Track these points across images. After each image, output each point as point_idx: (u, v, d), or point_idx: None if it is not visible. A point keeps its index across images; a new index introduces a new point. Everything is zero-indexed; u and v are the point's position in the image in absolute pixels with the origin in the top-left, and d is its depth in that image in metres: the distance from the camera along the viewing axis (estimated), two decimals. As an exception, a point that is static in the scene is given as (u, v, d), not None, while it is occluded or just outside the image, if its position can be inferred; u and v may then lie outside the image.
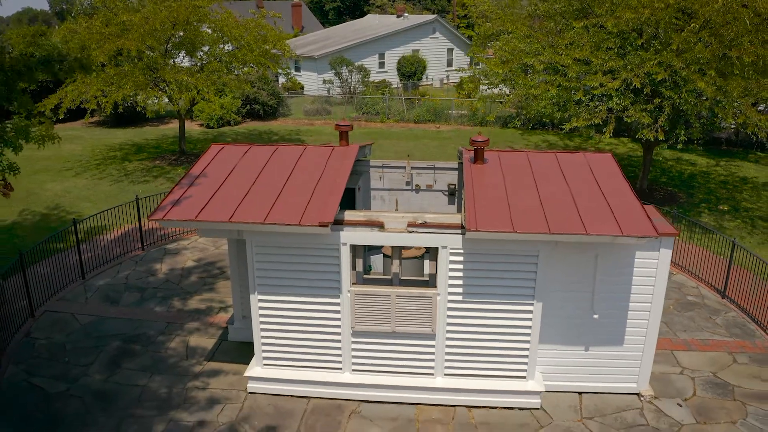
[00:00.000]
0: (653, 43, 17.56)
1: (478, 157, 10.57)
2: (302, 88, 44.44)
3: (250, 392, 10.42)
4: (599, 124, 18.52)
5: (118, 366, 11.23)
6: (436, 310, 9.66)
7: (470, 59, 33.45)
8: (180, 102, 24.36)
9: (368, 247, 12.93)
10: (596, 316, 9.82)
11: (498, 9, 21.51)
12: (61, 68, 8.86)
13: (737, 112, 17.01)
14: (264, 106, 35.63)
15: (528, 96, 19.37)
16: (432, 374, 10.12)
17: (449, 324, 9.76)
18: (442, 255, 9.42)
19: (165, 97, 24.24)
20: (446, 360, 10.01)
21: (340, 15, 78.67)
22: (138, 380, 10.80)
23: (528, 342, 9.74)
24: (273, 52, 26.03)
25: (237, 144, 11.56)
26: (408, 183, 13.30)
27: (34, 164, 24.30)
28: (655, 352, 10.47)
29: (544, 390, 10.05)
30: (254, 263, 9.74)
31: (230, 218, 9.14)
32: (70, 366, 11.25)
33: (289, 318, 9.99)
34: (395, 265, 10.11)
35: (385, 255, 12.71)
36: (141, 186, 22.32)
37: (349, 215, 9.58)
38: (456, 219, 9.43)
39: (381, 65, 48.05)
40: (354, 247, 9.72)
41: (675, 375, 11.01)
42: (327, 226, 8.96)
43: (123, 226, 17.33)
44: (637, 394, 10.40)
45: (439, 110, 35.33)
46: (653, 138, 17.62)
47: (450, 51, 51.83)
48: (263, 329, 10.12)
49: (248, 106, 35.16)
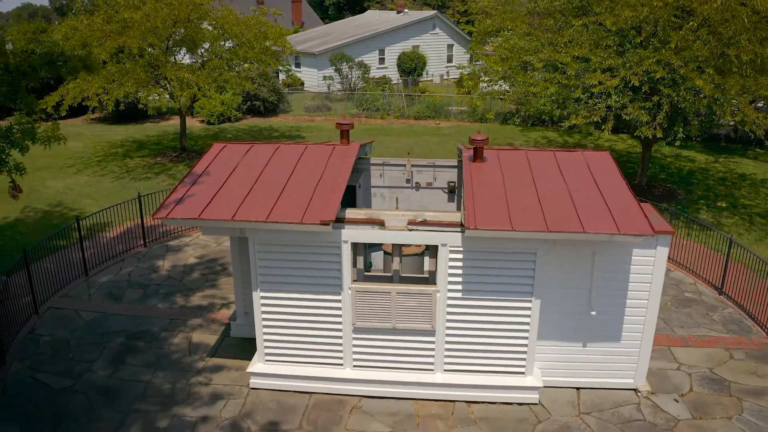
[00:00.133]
0: (652, 41, 17.64)
1: (478, 156, 10.69)
2: (302, 85, 44.51)
3: (253, 388, 10.56)
4: (598, 122, 18.62)
5: (122, 362, 11.37)
6: (436, 307, 9.79)
7: (470, 56, 33.48)
8: (181, 99, 24.45)
9: (369, 244, 13.06)
10: (594, 313, 9.96)
11: (498, 5, 21.59)
12: (65, 68, 8.97)
13: (735, 110, 17.11)
14: (264, 103, 35.72)
15: (527, 93, 19.46)
16: (432, 370, 10.26)
17: (449, 320, 9.90)
18: (442, 252, 9.55)
19: (166, 95, 24.32)
20: (446, 356, 10.15)
21: (340, 11, 78.63)
22: (142, 376, 10.94)
23: (526, 338, 9.88)
24: (273, 49, 26.12)
25: (239, 142, 11.67)
26: (408, 180, 13.42)
27: (36, 161, 24.39)
28: (653, 348, 10.61)
29: (543, 385, 10.19)
30: (257, 261, 9.87)
31: (233, 217, 9.26)
32: (75, 362, 11.38)
33: (291, 314, 10.13)
34: (395, 263, 10.23)
35: (386, 252, 12.83)
36: (142, 183, 22.43)
37: (350, 213, 9.70)
38: (455, 217, 9.55)
39: (381, 61, 48.10)
40: (355, 245, 9.84)
41: (672, 371, 11.15)
42: (328, 225, 9.09)
43: (125, 223, 17.44)
44: (635, 390, 10.54)
45: (439, 107, 35.42)
46: (651, 135, 17.72)
47: (450, 47, 51.86)
48: (265, 326, 10.26)
49: (249, 103, 35.24)
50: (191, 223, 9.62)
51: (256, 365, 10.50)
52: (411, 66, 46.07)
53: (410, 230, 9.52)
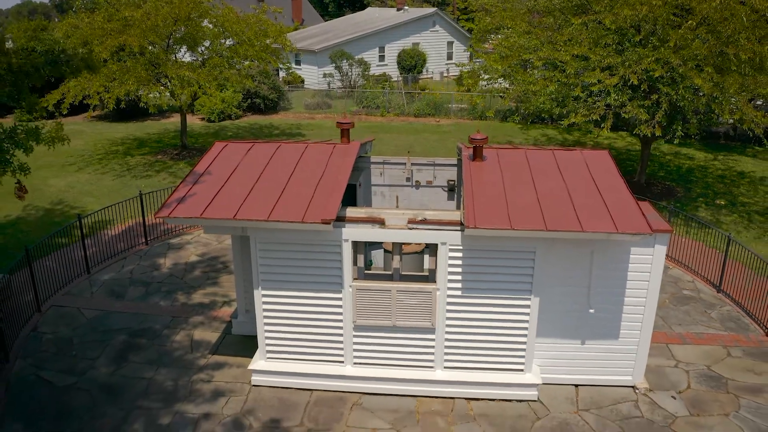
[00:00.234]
0: (651, 40, 17.70)
1: (477, 155, 10.76)
2: (303, 82, 44.55)
3: (254, 385, 10.66)
4: (597, 120, 18.70)
5: (125, 359, 11.46)
6: (436, 305, 9.88)
7: (470, 54, 33.52)
8: (182, 97, 24.51)
9: (369, 243, 13.14)
10: (592, 311, 10.05)
11: (498, 3, 21.65)
12: (68, 68, 9.04)
13: (734, 109, 17.17)
14: (265, 100, 35.76)
15: (527, 91, 19.53)
16: (432, 367, 10.35)
17: (449, 318, 9.99)
18: (442, 251, 9.63)
19: (167, 93, 24.38)
20: (446, 353, 10.24)
21: (340, 8, 78.55)
22: (144, 373, 11.03)
23: (525, 336, 9.96)
24: (273, 47, 26.16)
25: (240, 141, 11.75)
26: (408, 179, 13.50)
27: (37, 160, 24.41)
28: (651, 346, 10.70)
29: (542, 383, 10.29)
30: (258, 259, 9.95)
31: (234, 216, 9.34)
32: (78, 360, 11.47)
33: (292, 312, 10.22)
34: (396, 261, 10.31)
35: (386, 250, 12.92)
36: (143, 181, 22.50)
37: (351, 212, 9.78)
38: (455, 216, 9.63)
39: (381, 58, 48.14)
40: (356, 244, 9.93)
41: (670, 368, 11.24)
42: (329, 224, 9.17)
43: (126, 221, 17.52)
44: (633, 387, 10.63)
45: (439, 104, 35.47)
46: (650, 134, 17.79)
47: (450, 44, 51.91)
48: (267, 323, 10.34)
49: (249, 100, 35.29)
50: (193, 222, 9.70)
51: (258, 362, 10.60)
52: (411, 63, 46.11)
53: (410, 229, 9.61)
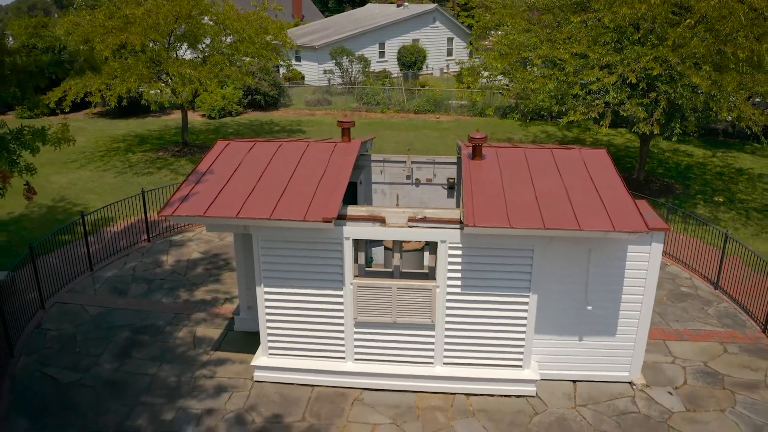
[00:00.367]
0: (650, 38, 17.79)
1: (476, 153, 10.87)
2: (303, 78, 44.61)
3: (257, 381, 10.80)
4: (596, 118, 18.80)
5: (128, 356, 11.59)
6: (436, 302, 10.01)
7: (470, 52, 33.58)
8: (183, 94, 24.61)
9: (370, 240, 13.27)
10: (590, 308, 10.17)
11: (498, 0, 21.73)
12: (72, 68, 9.15)
13: (732, 106, 17.26)
14: (265, 97, 35.86)
15: (526, 89, 19.63)
16: (432, 363, 10.49)
17: (448, 315, 10.12)
18: (442, 249, 9.76)
19: (168, 90, 24.47)
20: (445, 349, 10.37)
21: (341, 3, 78.47)
22: (148, 369, 11.17)
23: (524, 332, 10.09)
24: (274, 44, 26.24)
25: (242, 140, 11.86)
26: (408, 177, 13.62)
27: (39, 157, 24.17)
28: (648, 342, 10.82)
29: (540, 378, 10.42)
30: (260, 257, 10.08)
31: (237, 214, 9.47)
32: (82, 356, 11.60)
33: (294, 309, 10.35)
34: (396, 258, 10.44)
35: (386, 247, 13.04)
36: (145, 178, 22.62)
37: (352, 210, 9.90)
38: (455, 214, 9.75)
39: (381, 55, 48.17)
40: (356, 241, 10.05)
41: (667, 364, 11.37)
42: (330, 222, 9.30)
43: (129, 218, 17.62)
44: (630, 383, 10.76)
45: (439, 101, 35.56)
46: (649, 131, 17.90)
47: (450, 40, 51.92)
48: (269, 320, 10.48)
49: (250, 97, 35.39)
50: (196, 221, 9.82)
51: (260, 359, 10.73)
52: (411, 60, 46.16)
53: (410, 227, 9.73)
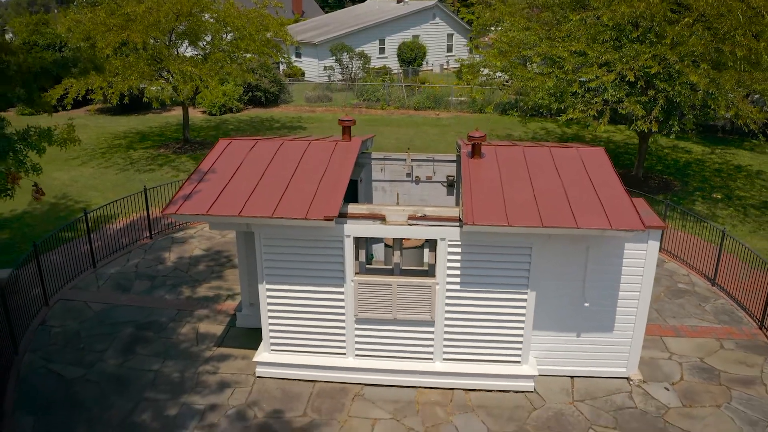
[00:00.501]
0: (648, 36, 17.88)
1: (476, 152, 11.00)
2: (303, 75, 44.67)
3: (259, 376, 10.95)
4: (595, 115, 18.90)
5: (132, 352, 11.74)
6: (435, 299, 10.15)
7: (469, 49, 33.64)
8: (184, 92, 24.69)
9: (370, 237, 13.40)
10: (587, 304, 10.32)
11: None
12: (77, 69, 9.26)
13: (730, 104, 17.35)
14: (266, 93, 35.93)
15: (525, 87, 19.74)
16: (431, 359, 10.64)
17: (447, 311, 10.27)
18: (441, 246, 9.89)
19: (170, 88, 24.56)
20: (445, 345, 10.52)
21: (341, -1, 78.48)
22: (151, 365, 11.32)
23: (522, 329, 10.24)
24: (274, 41, 26.32)
25: (244, 138, 11.97)
26: (408, 174, 13.75)
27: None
28: (645, 338, 10.97)
29: (538, 374, 10.58)
30: (262, 254, 10.22)
31: (240, 213, 9.60)
32: (86, 352, 11.75)
33: (296, 306, 10.50)
34: (396, 256, 10.58)
35: (387, 245, 13.17)
36: (147, 174, 22.74)
37: (353, 209, 10.03)
38: (454, 212, 9.89)
39: (381, 51, 48.23)
40: (357, 239, 10.19)
41: (663, 360, 11.51)
42: (332, 220, 9.43)
43: (131, 215, 17.76)
44: (627, 378, 10.91)
45: (439, 97, 35.64)
46: (647, 129, 18.01)
47: (450, 36, 51.96)
48: (271, 316, 10.62)
49: (250, 93, 35.47)
50: (200, 219, 9.95)
51: (262, 355, 10.88)
52: (411, 56, 46.21)
53: (410, 225, 9.86)
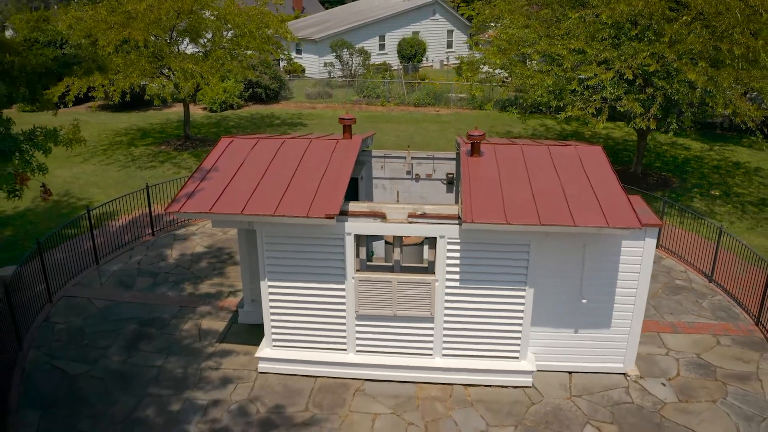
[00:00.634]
0: (647, 34, 17.97)
1: (475, 151, 11.12)
2: (303, 71, 44.75)
3: (261, 372, 11.09)
4: (593, 113, 19.01)
5: (135, 348, 11.88)
6: (435, 295, 10.29)
7: (469, 46, 33.69)
8: (185, 89, 24.79)
9: (371, 235, 13.54)
10: (585, 301, 10.45)
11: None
12: (81, 69, 9.36)
13: (727, 102, 17.44)
14: (266, 90, 36.02)
15: (525, 84, 19.84)
16: (431, 355, 10.78)
17: (447, 308, 10.41)
18: (440, 244, 10.02)
19: (171, 85, 24.65)
20: (444, 341, 10.66)
21: (341, -5, 78.36)
22: (154, 361, 11.46)
23: (521, 325, 10.38)
24: (275, 38, 26.40)
25: (245, 137, 12.09)
26: (408, 172, 13.87)
27: (43, 150, 24.76)
28: (642, 334, 11.11)
29: (536, 369, 10.72)
30: (264, 252, 10.35)
31: (242, 211, 9.73)
32: (90, 349, 11.89)
33: (297, 302, 10.64)
34: (396, 253, 10.71)
35: (387, 242, 13.31)
36: (148, 171, 22.85)
37: (354, 207, 10.16)
38: (453, 210, 10.01)
39: (381, 47, 48.31)
40: (358, 237, 10.32)
41: (660, 356, 11.65)
42: (333, 218, 9.55)
43: (133, 212, 17.88)
44: (624, 374, 11.05)
45: (439, 94, 35.73)
46: (645, 127, 18.12)
47: (450, 33, 52.04)
48: (273, 313, 10.76)
49: (251, 90, 35.55)
50: (203, 217, 10.09)
51: (264, 350, 11.02)
52: (411, 52, 46.28)
53: (410, 223, 9.99)
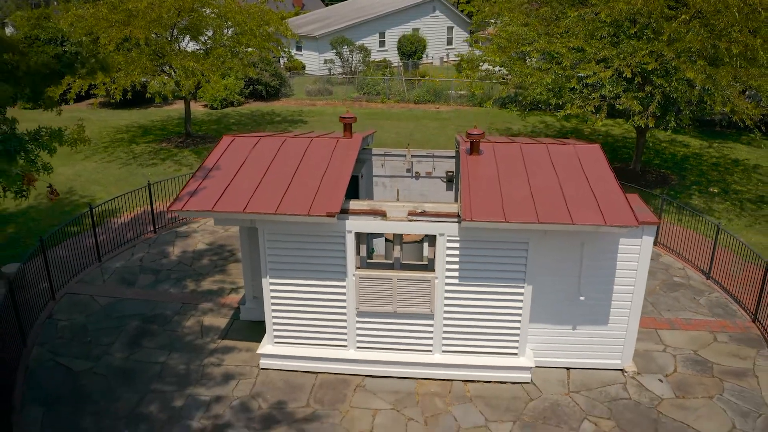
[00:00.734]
0: (645, 32, 18.05)
1: (474, 149, 11.23)
2: (303, 68, 44.79)
3: (262, 368, 11.21)
4: (593, 111, 19.11)
5: (138, 345, 12.00)
6: (435, 292, 10.40)
7: (469, 44, 33.76)
8: (186, 86, 24.88)
9: (371, 232, 13.65)
10: (582, 298, 10.57)
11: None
12: (84, 69, 9.46)
13: (726, 100, 17.54)
14: (266, 87, 36.10)
15: (524, 82, 19.93)
16: (431, 351, 10.90)
17: (446, 305, 10.53)
18: (440, 242, 10.14)
19: (172, 83, 24.74)
20: (444, 338, 10.78)
21: (341, -8, 78.25)
22: (157, 358, 11.58)
23: (519, 321, 10.50)
24: (275, 35, 26.47)
25: (247, 135, 12.19)
26: (408, 170, 13.97)
27: (44, 147, 24.86)
28: (640, 331, 11.22)
29: (535, 366, 10.84)
30: (266, 249, 10.47)
31: (244, 209, 9.84)
32: (93, 345, 12.01)
33: (299, 299, 10.75)
34: (396, 251, 10.82)
35: (387, 239, 13.41)
36: (149, 169, 22.95)
37: (354, 205, 10.27)
38: (453, 208, 10.13)
39: (381, 44, 48.32)
40: (358, 234, 10.43)
41: (658, 352, 11.77)
42: (334, 216, 9.67)
43: (135, 210, 17.97)
44: (621, 370, 11.17)
45: (439, 91, 35.79)
46: (644, 125, 18.22)
47: (450, 29, 52.00)
48: (274, 310, 10.88)
49: (251, 87, 35.63)
50: (205, 215, 10.18)
51: (266, 347, 11.15)
52: (411, 49, 46.31)
53: (410, 221, 10.10)
